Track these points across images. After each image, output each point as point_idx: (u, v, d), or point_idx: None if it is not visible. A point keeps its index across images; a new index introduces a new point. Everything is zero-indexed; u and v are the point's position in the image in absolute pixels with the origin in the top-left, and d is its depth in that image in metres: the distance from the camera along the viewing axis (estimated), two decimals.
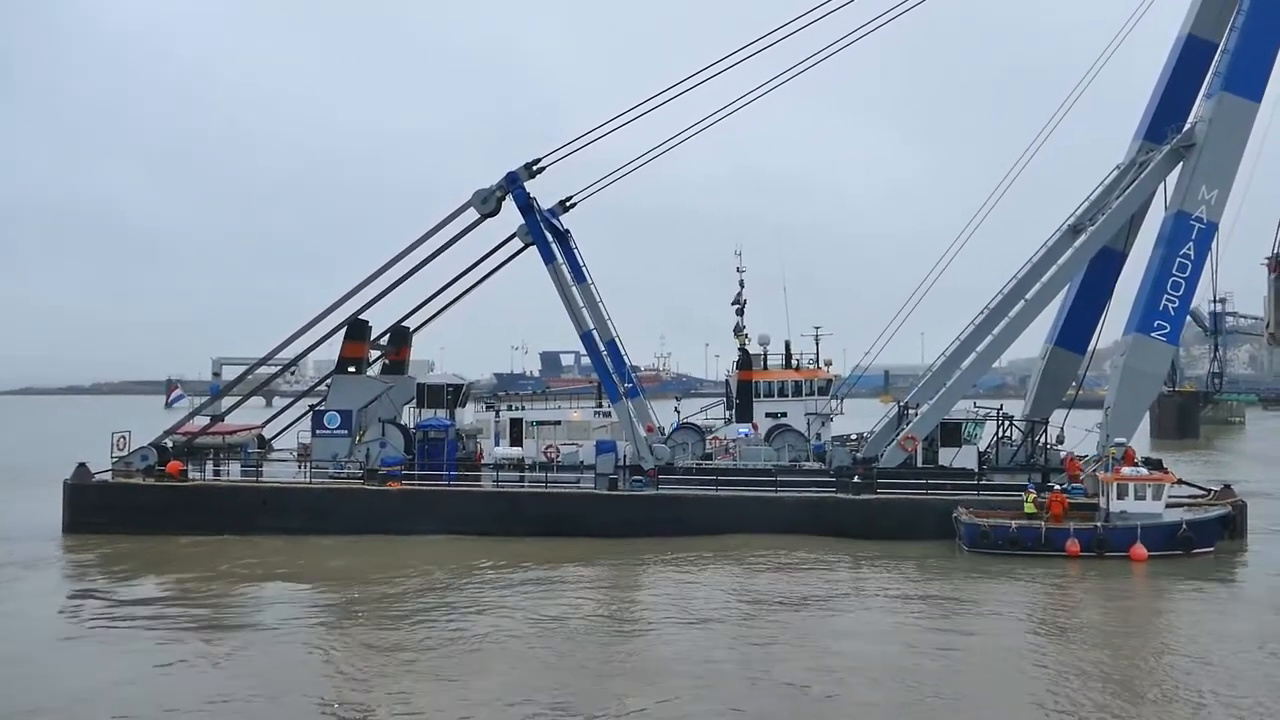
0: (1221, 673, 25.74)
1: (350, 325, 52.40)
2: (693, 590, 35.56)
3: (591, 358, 53.62)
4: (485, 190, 51.23)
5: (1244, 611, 33.62)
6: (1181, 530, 40.66)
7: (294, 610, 32.86)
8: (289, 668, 26.28)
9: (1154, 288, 46.46)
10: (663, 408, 68.79)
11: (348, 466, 49.67)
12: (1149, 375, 47.18)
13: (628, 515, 46.05)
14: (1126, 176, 51.11)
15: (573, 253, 56.80)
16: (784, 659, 26.79)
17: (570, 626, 30.49)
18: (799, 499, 46.11)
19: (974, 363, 49.83)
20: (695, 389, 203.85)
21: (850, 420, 63.57)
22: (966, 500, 44.43)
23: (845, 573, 38.85)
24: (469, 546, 43.00)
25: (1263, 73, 46.42)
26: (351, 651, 27.63)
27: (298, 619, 31.62)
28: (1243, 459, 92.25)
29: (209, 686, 24.81)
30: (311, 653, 27.65)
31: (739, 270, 64.00)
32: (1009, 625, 31.18)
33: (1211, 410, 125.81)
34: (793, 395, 59.42)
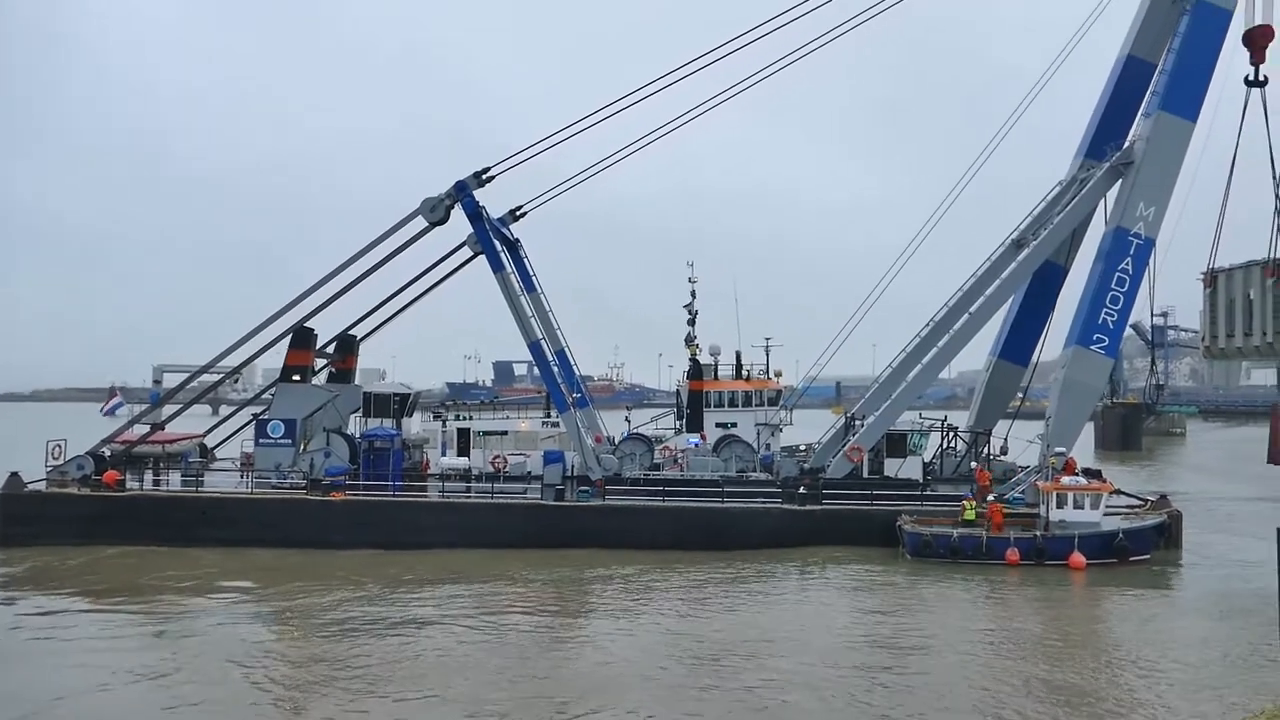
0: (1159, 678, 26.27)
1: (295, 333, 51.75)
2: (639, 603, 35.50)
3: (539, 367, 53.41)
4: (434, 198, 50.92)
5: (1180, 618, 34.26)
6: (1119, 539, 41.41)
7: (230, 624, 32.34)
8: (225, 683, 25.84)
9: (1093, 302, 47.27)
10: (616, 417, 68.78)
11: (291, 476, 49.04)
12: (1088, 387, 47.98)
13: (574, 526, 45.94)
14: (1068, 193, 51.98)
15: (522, 262, 56.70)
16: (732, 671, 26.78)
17: (515, 639, 30.31)
18: (746, 510, 46.25)
19: (919, 375, 50.33)
20: (649, 399, 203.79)
21: (801, 430, 63.92)
22: (911, 510, 44.96)
23: (792, 583, 39.05)
24: (413, 558, 42.61)
25: (1198, 93, 47.41)
26: (289, 666, 27.26)
27: (234, 633, 31.12)
28: (1183, 469, 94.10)
29: (143, 703, 24.35)
30: (249, 668, 27.18)
31: (691, 281, 64.20)
32: (953, 635, 31.36)
33: (1154, 422, 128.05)
34: (743, 405, 59.58)
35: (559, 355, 56.38)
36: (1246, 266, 45.54)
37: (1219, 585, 38.99)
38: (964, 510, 42.93)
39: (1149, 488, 63.29)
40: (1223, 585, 38.94)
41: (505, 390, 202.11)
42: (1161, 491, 52.84)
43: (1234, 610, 34.51)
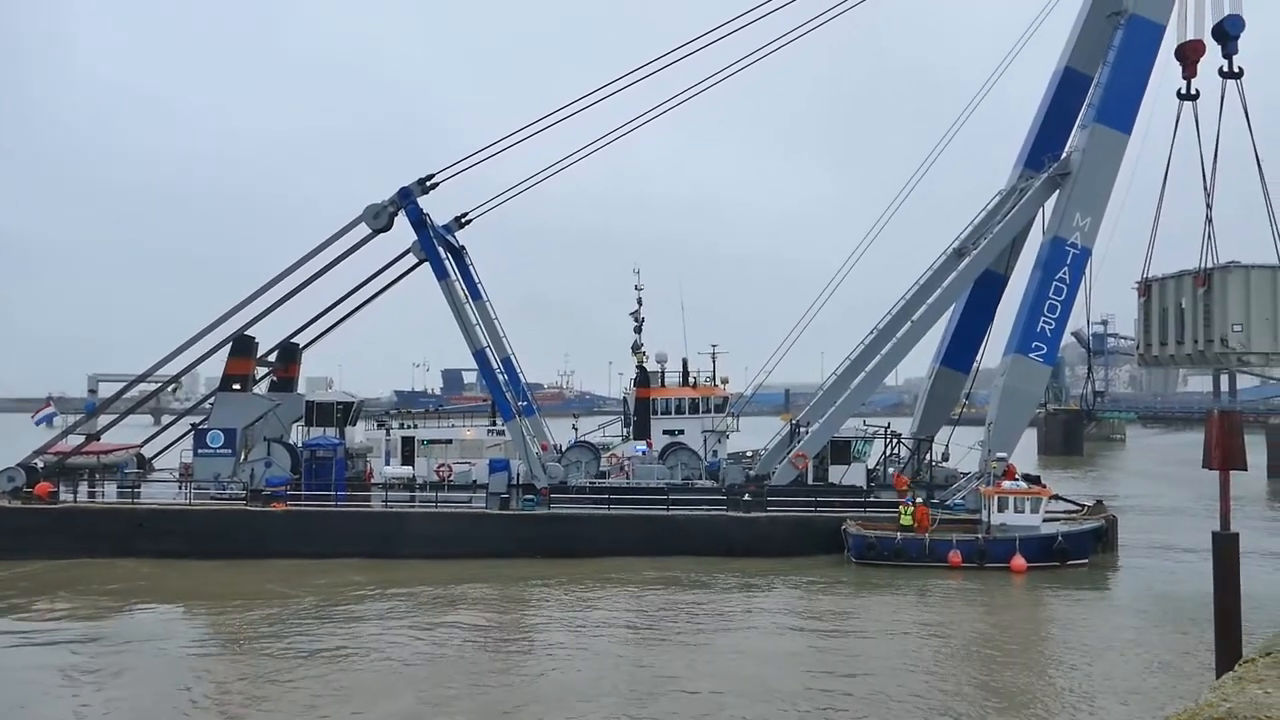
0: (1091, 680, 26.70)
1: (235, 341, 51.03)
2: (585, 612, 35.39)
3: (484, 375, 53.15)
4: (377, 205, 50.49)
5: (1115, 621, 34.82)
6: (1058, 542, 42.08)
7: (169, 638, 31.68)
8: (164, 697, 25.29)
9: (1032, 310, 48.01)
10: (566, 425, 68.62)
11: (231, 487, 48.26)
12: (1027, 394, 48.71)
13: (519, 535, 45.71)
14: (1007, 203, 52.77)
15: (468, 269, 56.45)
16: (679, 680, 26.73)
17: (457, 651, 30.00)
18: (691, 517, 46.32)
19: (862, 382, 50.76)
20: (598, 406, 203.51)
21: (748, 437, 64.28)
22: (854, 516, 45.28)
23: (737, 592, 39.09)
24: (357, 568, 42.10)
25: (1132, 106, 48.37)
26: (225, 683, 26.70)
27: (174, 647, 30.51)
28: (1123, 474, 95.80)
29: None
30: (189, 684, 26.57)
31: (637, 288, 64.33)
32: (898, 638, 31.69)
33: (1095, 428, 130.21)
34: (689, 412, 59.71)
35: (505, 363, 56.13)
36: (1179, 276, 46.53)
37: (1154, 588, 39.77)
38: (901, 514, 43.38)
39: (1090, 492, 64.54)
40: (1158, 589, 39.71)
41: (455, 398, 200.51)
42: (1098, 497, 53.75)
43: (1168, 613, 35.21)
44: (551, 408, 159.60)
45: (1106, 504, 50.62)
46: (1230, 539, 23.47)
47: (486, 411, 59.31)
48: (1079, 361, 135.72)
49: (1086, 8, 52.18)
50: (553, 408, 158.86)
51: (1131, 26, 48.37)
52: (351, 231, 51.25)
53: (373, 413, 65.81)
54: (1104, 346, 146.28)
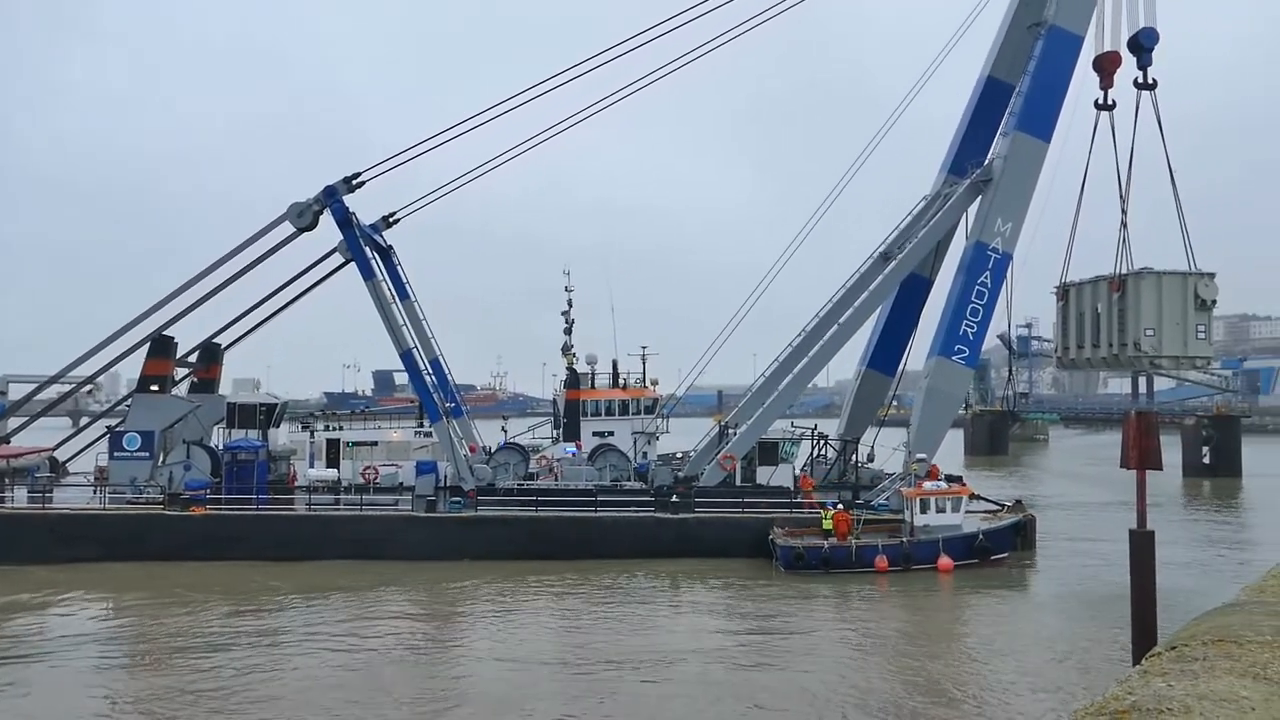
0: (1014, 672, 27.43)
1: (154, 341, 49.97)
2: (512, 615, 35.19)
3: (411, 376, 52.67)
4: (301, 204, 49.83)
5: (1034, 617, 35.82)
6: (980, 540, 42.88)
7: (81, 649, 30.77)
8: (74, 713, 24.64)
9: (954, 314, 48.83)
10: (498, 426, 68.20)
11: (147, 491, 47.23)
12: (950, 396, 49.55)
13: (445, 537, 45.35)
14: (932, 208, 53.64)
15: (396, 269, 55.99)
16: (608, 684, 26.74)
17: (386, 657, 29.58)
18: (619, 519, 46.37)
19: (790, 384, 51.21)
20: (532, 408, 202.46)
21: (681, 438, 64.48)
22: (781, 518, 45.61)
23: (664, 593, 39.25)
24: (278, 572, 41.43)
25: (1051, 115, 49.44)
26: (144, 693, 26.01)
27: (85, 658, 29.66)
28: (1046, 474, 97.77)
29: None
30: (101, 697, 25.86)
31: (568, 290, 64.29)
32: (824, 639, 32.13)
33: (1019, 428, 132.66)
34: (619, 414, 59.75)
35: (433, 364, 55.72)
36: (1095, 281, 47.78)
37: (1073, 585, 40.69)
38: (823, 519, 43.84)
39: (1015, 492, 65.80)
40: (1077, 585, 40.64)
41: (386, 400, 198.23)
42: (1018, 496, 54.87)
43: (1087, 609, 36.08)
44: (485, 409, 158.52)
45: (1029, 503, 51.74)
46: (1146, 536, 24.20)
47: (414, 413, 58.80)
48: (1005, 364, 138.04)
49: (1008, 18, 53.31)
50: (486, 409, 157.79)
51: (1051, 37, 49.45)
52: (276, 230, 50.68)
53: (299, 414, 64.89)
54: (1028, 349, 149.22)
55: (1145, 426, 24.68)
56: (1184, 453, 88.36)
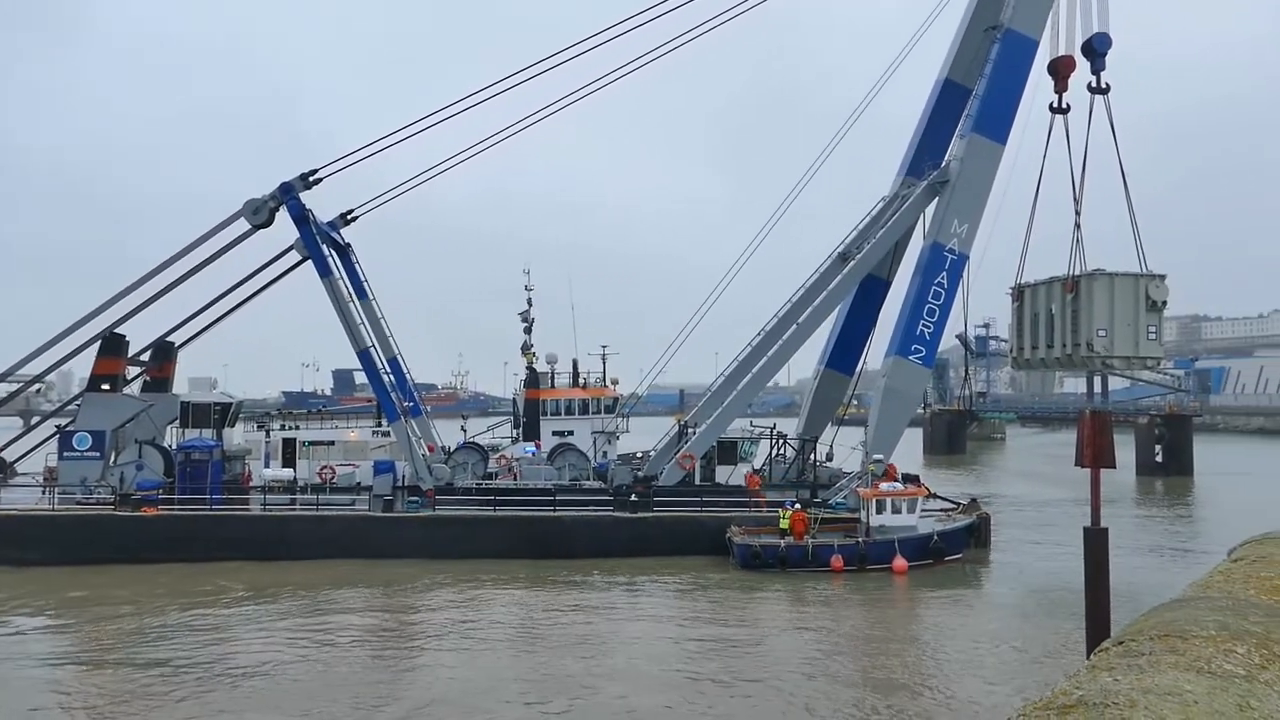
0: (968, 668, 27.70)
1: (105, 339, 49.12)
2: (472, 615, 34.96)
3: (369, 376, 52.24)
4: (257, 200, 49.21)
5: (988, 615, 36.04)
6: (934, 541, 43.22)
7: (27, 654, 30.17)
8: (16, 716, 24.12)
9: (911, 314, 49.21)
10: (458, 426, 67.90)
11: (98, 491, 46.43)
12: (907, 395, 49.94)
13: (403, 537, 45.04)
14: (890, 209, 54.02)
15: (354, 267, 55.36)
16: (569, 681, 26.69)
17: (343, 659, 29.26)
18: (577, 519, 46.27)
19: (749, 383, 51.32)
20: (493, 407, 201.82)
21: (642, 438, 64.47)
22: (739, 517, 45.74)
23: (623, 592, 39.25)
24: (233, 574, 40.92)
25: (1007, 117, 49.98)
26: (95, 699, 25.48)
27: (32, 663, 29.04)
28: (1003, 472, 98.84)
29: None
30: (50, 704, 25.27)
31: (527, 289, 64.11)
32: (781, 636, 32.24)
33: (977, 427, 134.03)
34: (579, 413, 59.66)
35: (391, 363, 55.17)
36: (1049, 282, 48.34)
37: (1028, 583, 41.12)
38: (780, 518, 44.03)
39: (972, 490, 66.52)
40: (1032, 583, 41.07)
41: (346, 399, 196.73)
42: (973, 495, 55.42)
43: (1042, 605, 36.41)
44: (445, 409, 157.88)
45: (986, 501, 52.29)
46: (1100, 534, 24.50)
47: (372, 413, 58.34)
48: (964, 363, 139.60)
49: (966, 21, 53.78)
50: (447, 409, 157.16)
51: (1007, 41, 49.97)
52: (232, 226, 50.00)
53: (256, 414, 64.12)
54: (986, 349, 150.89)
55: (1099, 425, 24.96)
56: (1137, 451, 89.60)
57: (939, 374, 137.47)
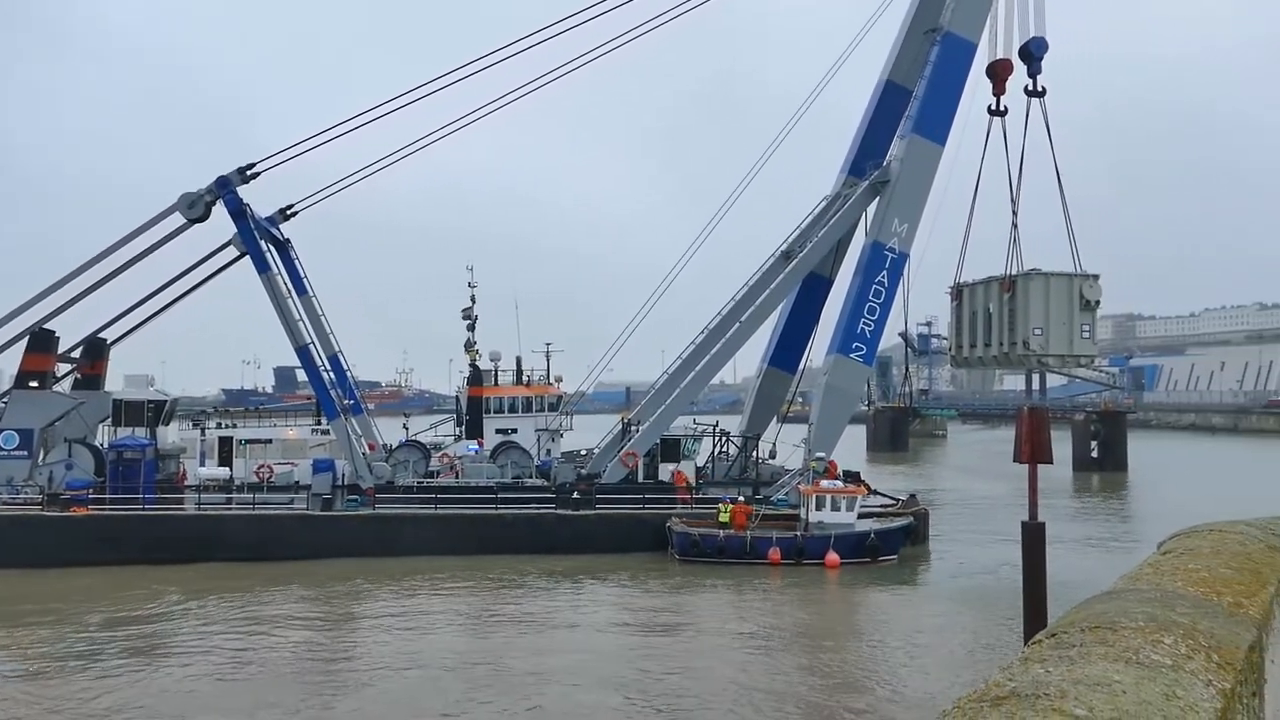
0: (906, 661, 27.98)
1: (33, 335, 47.83)
2: (412, 614, 34.61)
3: (308, 373, 51.52)
4: (193, 194, 48.23)
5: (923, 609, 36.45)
6: (870, 539, 43.65)
7: None
8: None
9: (852, 312, 49.69)
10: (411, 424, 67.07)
11: (25, 491, 45.18)
12: (847, 393, 50.44)
13: (342, 536, 44.45)
14: (832, 208, 54.43)
15: (293, 263, 54.65)
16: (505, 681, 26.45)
17: (280, 662, 28.69)
18: (519, 516, 46.06)
19: (691, 381, 51.48)
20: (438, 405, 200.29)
21: (588, 435, 64.28)
22: (681, 513, 45.88)
23: (564, 588, 39.10)
24: (165, 575, 39.95)
25: (946, 119, 50.65)
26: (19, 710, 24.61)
27: None
28: (944, 468, 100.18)
29: None
30: None
31: (470, 285, 63.47)
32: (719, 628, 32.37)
33: (919, 424, 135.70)
34: (523, 411, 59.22)
35: (332, 360, 54.57)
36: (987, 282, 49.10)
37: (967, 577, 41.65)
38: (720, 512, 44.28)
39: (914, 486, 67.26)
40: (971, 576, 41.59)
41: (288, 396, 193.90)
42: (913, 492, 56.09)
43: (982, 599, 36.90)
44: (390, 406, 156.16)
45: (927, 497, 52.97)
46: (1038, 528, 24.97)
47: (311, 410, 57.49)
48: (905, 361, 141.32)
49: (906, 24, 54.42)
50: (391, 406, 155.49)
51: (946, 43, 50.60)
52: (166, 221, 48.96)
53: (193, 412, 62.94)
54: (928, 347, 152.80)
55: (1037, 422, 25.39)
56: (1074, 447, 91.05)
57: (882, 372, 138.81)
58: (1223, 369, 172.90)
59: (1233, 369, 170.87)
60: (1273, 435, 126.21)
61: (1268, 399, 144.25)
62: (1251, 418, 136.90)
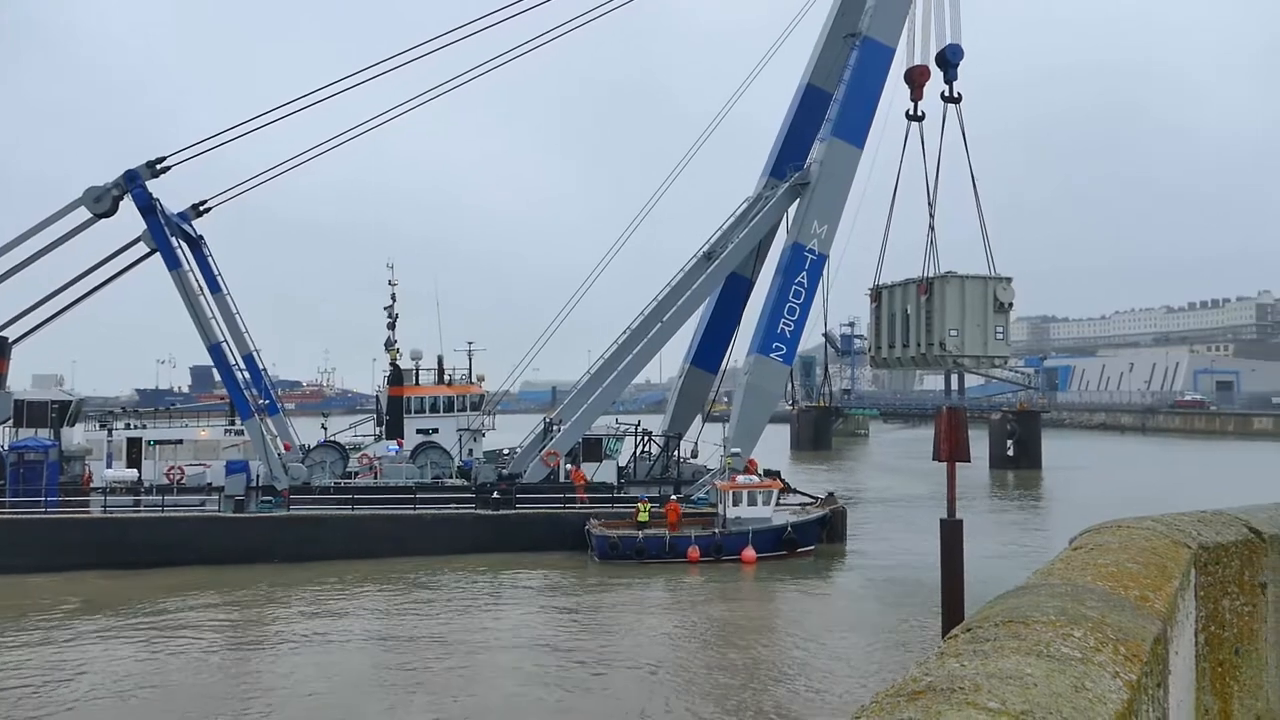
0: (836, 656, 28.25)
1: None
2: (328, 618, 33.83)
3: (220, 372, 50.23)
4: (99, 188, 46.66)
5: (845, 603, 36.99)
6: (787, 533, 44.01)
7: None
8: None
9: (773, 312, 50.09)
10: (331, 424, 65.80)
11: None
12: (767, 392, 50.83)
13: (255, 539, 43.31)
14: (754, 209, 54.76)
15: (206, 260, 53.33)
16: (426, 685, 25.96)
17: (190, 671, 27.67)
18: (438, 516, 45.50)
19: (613, 381, 51.36)
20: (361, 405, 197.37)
21: (512, 435, 63.77)
22: (601, 513, 45.75)
23: (483, 591, 38.62)
24: (69, 582, 38.55)
25: (865, 123, 51.35)
26: None
27: None
28: (866, 467, 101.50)
29: None
30: None
31: (391, 284, 62.52)
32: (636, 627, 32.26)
33: (842, 424, 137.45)
34: (444, 411, 58.51)
35: (247, 359, 53.33)
36: (905, 284, 49.82)
37: (884, 573, 42.13)
38: (638, 511, 44.26)
39: (836, 484, 67.81)
40: (888, 573, 42.07)
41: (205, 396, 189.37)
42: (830, 489, 56.63)
43: (900, 595, 37.29)
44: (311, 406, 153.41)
45: (849, 495, 53.57)
46: (955, 525, 25.35)
47: (225, 411, 56.07)
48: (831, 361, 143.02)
49: (827, 29, 55.07)
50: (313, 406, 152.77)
51: (865, 48, 51.27)
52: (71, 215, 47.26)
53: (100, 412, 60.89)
54: (851, 347, 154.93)
55: (955, 422, 25.78)
56: (990, 446, 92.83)
57: (806, 372, 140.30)
58: (1131, 370, 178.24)
59: (1141, 370, 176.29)
60: (1178, 434, 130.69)
61: (1174, 399, 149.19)
62: (1158, 417, 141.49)
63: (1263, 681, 6.32)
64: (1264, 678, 6.32)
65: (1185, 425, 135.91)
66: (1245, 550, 6.26)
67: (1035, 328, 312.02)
